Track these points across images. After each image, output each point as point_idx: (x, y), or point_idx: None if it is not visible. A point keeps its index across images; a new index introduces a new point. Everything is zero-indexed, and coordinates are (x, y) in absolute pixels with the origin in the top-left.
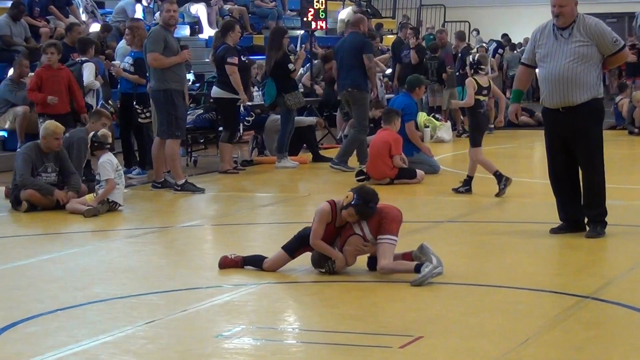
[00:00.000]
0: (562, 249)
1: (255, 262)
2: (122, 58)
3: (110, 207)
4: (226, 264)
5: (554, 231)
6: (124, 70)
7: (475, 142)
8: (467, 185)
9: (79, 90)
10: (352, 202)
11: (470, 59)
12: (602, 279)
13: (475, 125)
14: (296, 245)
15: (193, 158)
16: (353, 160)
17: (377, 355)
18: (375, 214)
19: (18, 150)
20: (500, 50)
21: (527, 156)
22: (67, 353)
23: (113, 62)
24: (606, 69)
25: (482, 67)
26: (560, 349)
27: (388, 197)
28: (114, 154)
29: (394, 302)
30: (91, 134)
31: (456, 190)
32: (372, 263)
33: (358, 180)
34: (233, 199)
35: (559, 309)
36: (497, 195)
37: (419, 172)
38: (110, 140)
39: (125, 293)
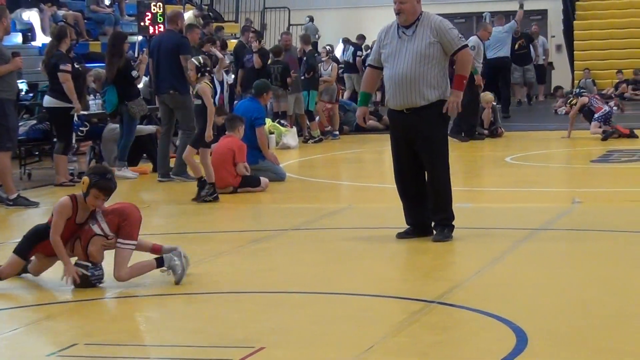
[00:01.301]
0: (409, 254)
1: None
2: None
3: None
4: None
5: (400, 236)
6: None
7: (204, 144)
8: (214, 193)
9: None
10: (92, 183)
11: (196, 63)
12: (448, 283)
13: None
14: (28, 247)
15: (27, 171)
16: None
17: None
18: (116, 214)
19: None
20: (359, 53)
21: (375, 161)
22: None
23: None
24: (463, 77)
25: (208, 69)
26: (406, 354)
27: (231, 206)
28: None
29: (236, 313)
30: None
31: (199, 199)
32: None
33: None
34: None
35: (405, 314)
36: (194, 199)
37: (263, 180)
38: None
39: None
